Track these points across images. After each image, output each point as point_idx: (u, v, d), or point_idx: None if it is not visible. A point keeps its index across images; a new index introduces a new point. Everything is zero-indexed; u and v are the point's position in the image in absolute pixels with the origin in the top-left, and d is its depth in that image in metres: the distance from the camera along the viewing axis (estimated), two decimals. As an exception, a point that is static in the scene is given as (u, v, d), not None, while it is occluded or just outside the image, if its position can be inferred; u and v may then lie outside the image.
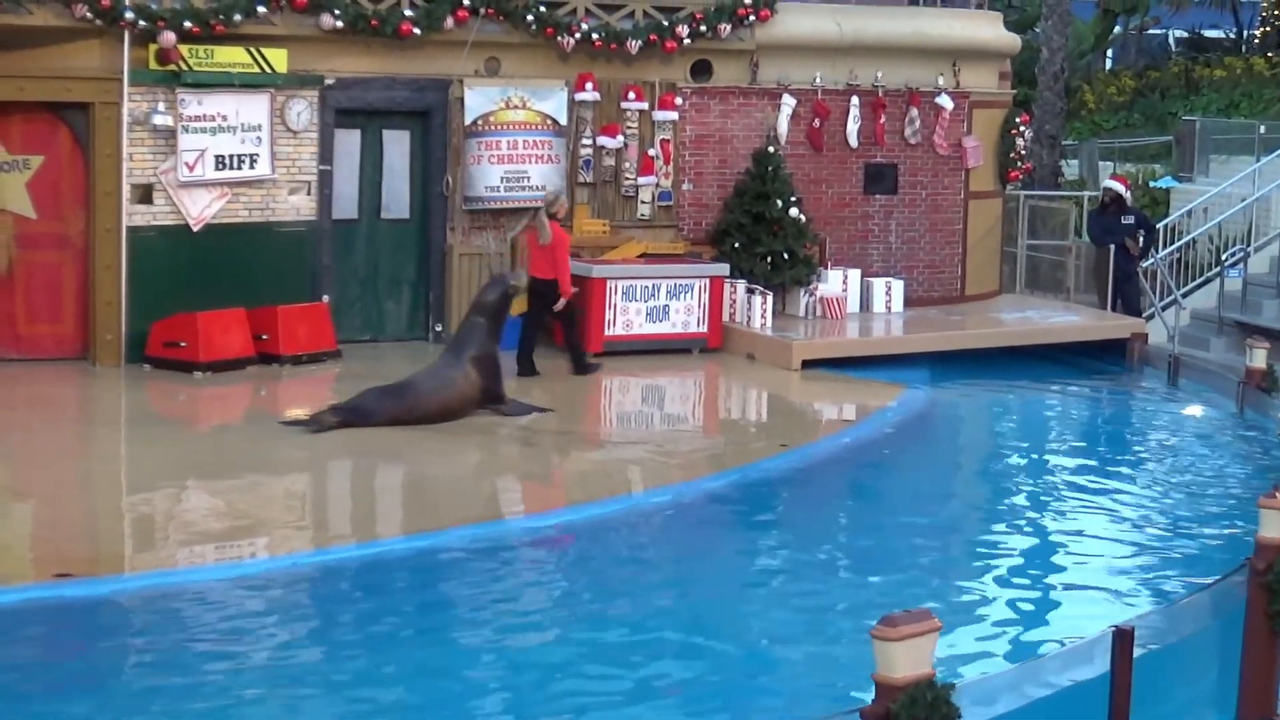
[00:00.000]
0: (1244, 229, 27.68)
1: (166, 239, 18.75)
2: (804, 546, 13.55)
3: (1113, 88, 45.59)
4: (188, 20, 18.26)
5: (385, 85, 19.91)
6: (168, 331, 18.36)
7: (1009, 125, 23.94)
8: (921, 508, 14.99)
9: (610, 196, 21.19)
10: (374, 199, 20.35)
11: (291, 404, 17.73)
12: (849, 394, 19.19)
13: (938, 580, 12.77)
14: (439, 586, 12.21)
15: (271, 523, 13.43)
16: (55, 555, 12.18)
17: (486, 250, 20.54)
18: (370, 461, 15.52)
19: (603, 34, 20.57)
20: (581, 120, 20.90)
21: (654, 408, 18.08)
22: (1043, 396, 20.38)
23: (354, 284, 20.27)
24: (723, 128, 21.76)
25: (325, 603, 11.76)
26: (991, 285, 24.23)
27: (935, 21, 23.20)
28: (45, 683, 10.01)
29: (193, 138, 18.70)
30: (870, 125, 22.45)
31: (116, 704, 9.71)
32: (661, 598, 12.07)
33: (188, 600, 11.44)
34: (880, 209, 22.83)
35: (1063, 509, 15.02)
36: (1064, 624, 11.66)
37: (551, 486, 14.98)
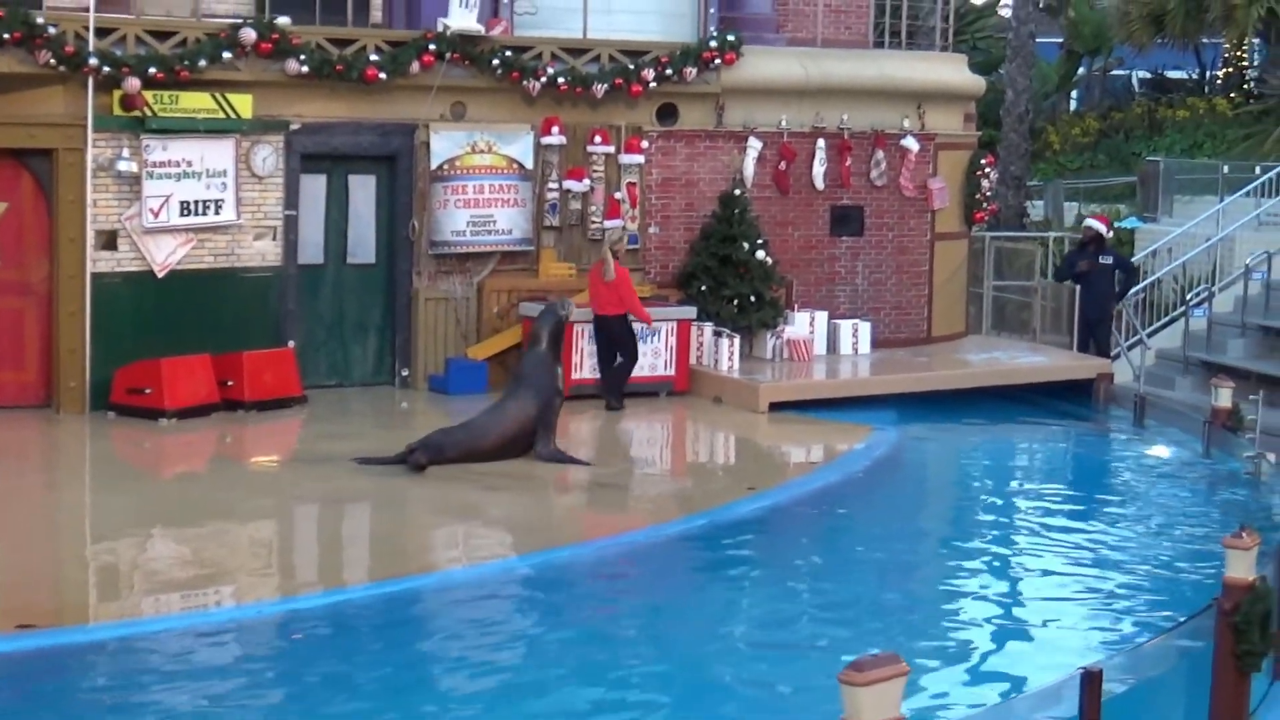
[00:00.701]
0: (1208, 269, 27.81)
1: (131, 285, 18.70)
2: (772, 590, 13.53)
3: (1077, 129, 45.85)
4: (152, 66, 18.25)
5: (351, 130, 19.92)
6: (132, 378, 18.30)
7: (974, 167, 24.04)
8: (890, 550, 14.98)
9: (577, 240, 21.20)
10: (340, 244, 20.34)
11: (258, 451, 17.73)
12: (816, 436, 19.20)
13: (906, 623, 12.76)
14: (406, 634, 12.15)
15: (237, 570, 13.37)
16: (18, 606, 12.07)
17: (453, 295, 20.53)
18: (337, 508, 15.49)
19: (568, 78, 20.61)
20: (547, 164, 20.92)
21: (622, 451, 18.03)
22: (1010, 437, 20.44)
23: (320, 329, 20.24)
24: (689, 171, 21.81)
25: (292, 651, 11.69)
26: (958, 326, 24.29)
27: (900, 64, 23.29)
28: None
29: (157, 184, 18.68)
30: (836, 167, 22.52)
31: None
32: (629, 641, 12.05)
33: (153, 650, 11.36)
34: (846, 251, 22.87)
35: (1030, 550, 15.03)
36: (1032, 666, 11.66)
37: (518, 531, 14.92)
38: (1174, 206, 32.61)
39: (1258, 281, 25.92)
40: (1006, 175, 35.58)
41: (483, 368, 20.35)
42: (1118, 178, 40.25)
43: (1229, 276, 27.02)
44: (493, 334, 20.64)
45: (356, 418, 18.97)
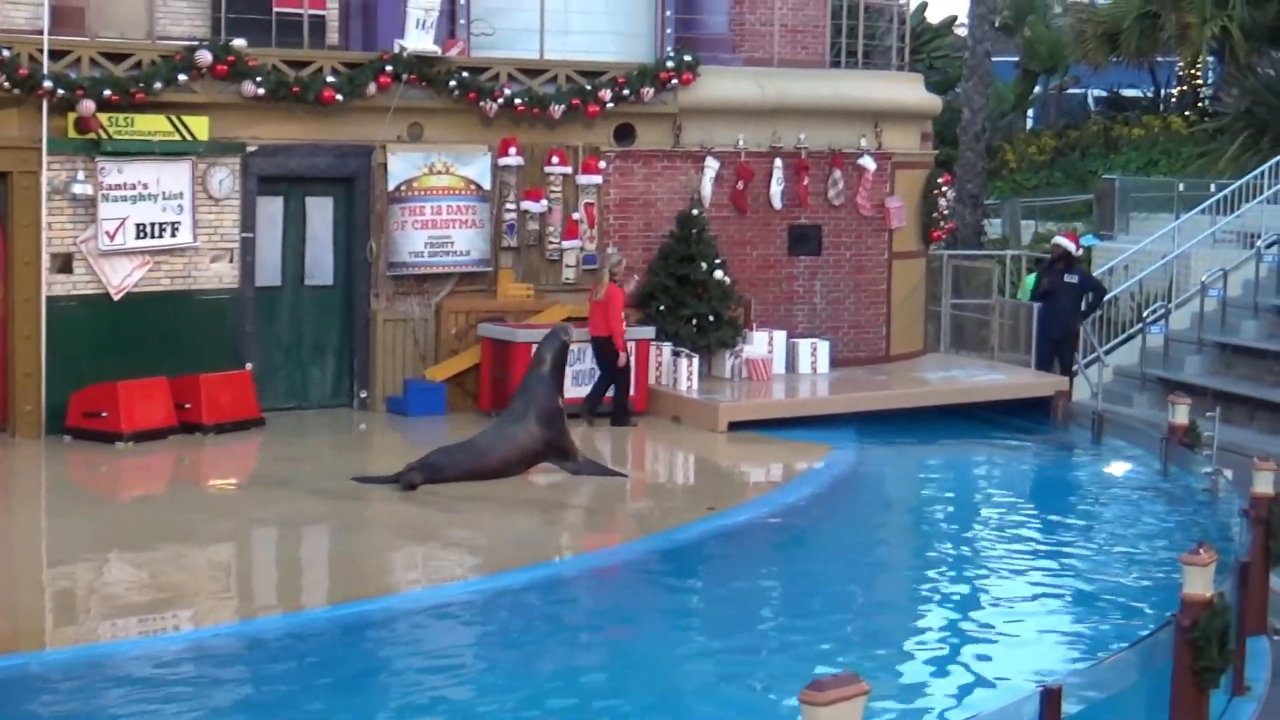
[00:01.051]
0: (1165, 286, 27.94)
1: (87, 308, 18.62)
2: (731, 609, 13.53)
3: (1033, 147, 46.05)
4: (107, 88, 18.19)
5: (308, 152, 19.89)
6: (88, 402, 18.22)
7: (931, 185, 24.12)
8: (850, 569, 15.00)
9: (535, 261, 21.19)
10: (297, 266, 20.29)
11: (215, 474, 17.67)
12: (776, 455, 19.21)
13: (866, 642, 12.78)
14: (364, 655, 12.13)
15: (196, 594, 13.32)
16: (-25, 631, 12.06)
17: (411, 316, 20.50)
18: (295, 531, 15.45)
19: (525, 99, 20.61)
20: (505, 185, 20.92)
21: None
22: (969, 455, 20.48)
23: (277, 351, 20.18)
24: (646, 191, 21.83)
25: (250, 673, 11.66)
26: (916, 345, 24.35)
27: (857, 83, 23.35)
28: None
29: (113, 206, 18.61)
30: (794, 187, 22.55)
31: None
32: (589, 661, 12.04)
33: (110, 674, 11.32)
34: (805, 270, 22.91)
35: (990, 568, 15.07)
36: (992, 683, 11.69)
37: (478, 553, 14.90)
38: (1130, 224, 32.77)
39: (1214, 298, 26.07)
40: (963, 194, 35.69)
41: (441, 389, 20.31)
42: (1074, 195, 40.45)
43: (1186, 293, 27.16)
44: (451, 355, 20.60)
45: (315, 440, 18.92)
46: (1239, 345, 25.34)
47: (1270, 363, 24.56)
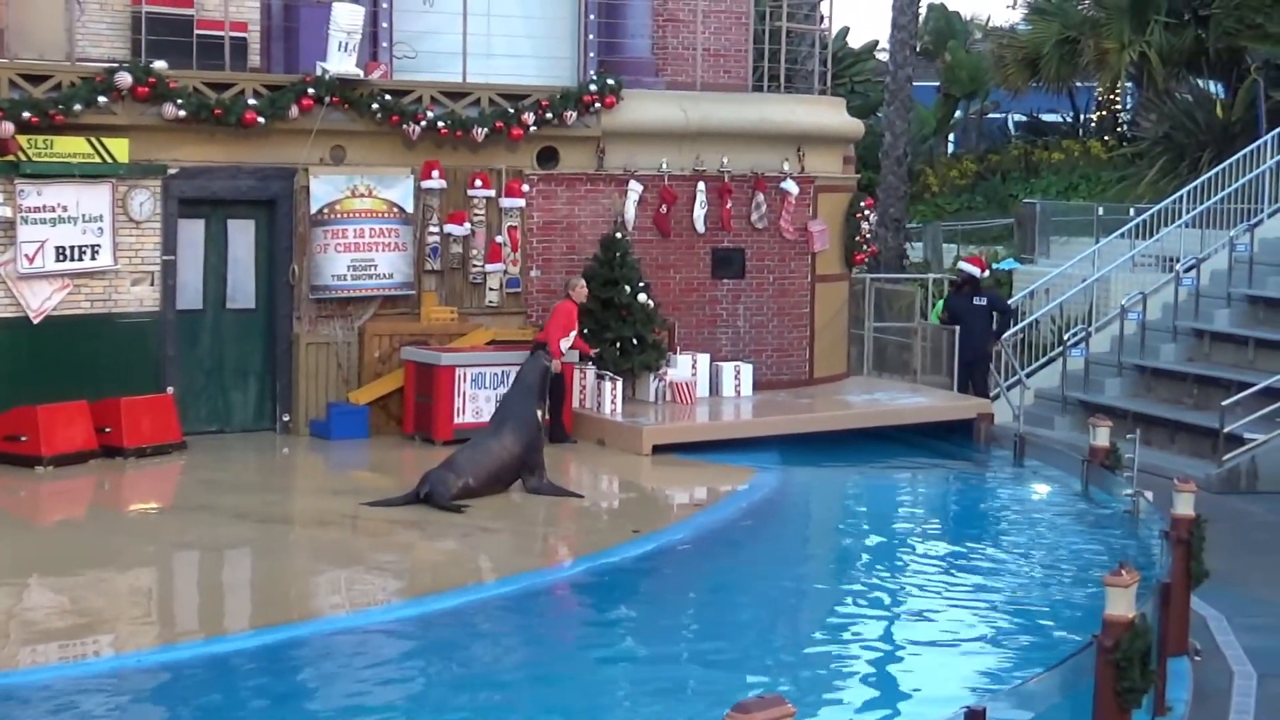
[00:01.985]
0: (1085, 309, 28.18)
1: (6, 331, 18.49)
2: (657, 632, 13.55)
3: (955, 171, 46.40)
4: (26, 110, 18.09)
5: (230, 174, 19.83)
6: (7, 425, 18.08)
7: (854, 209, 24.25)
8: (773, 591, 15.04)
9: (458, 284, 21.18)
10: (219, 289, 20.22)
11: (137, 498, 17.55)
12: (700, 478, 19.25)
13: (792, 664, 12.81)
14: (286, 681, 12.07)
15: (117, 619, 13.21)
16: (-108, 657, 11.93)
17: (334, 339, 20.45)
18: (215, 555, 15.36)
19: (448, 121, 20.61)
20: (428, 208, 20.91)
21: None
22: (892, 477, 20.58)
23: (199, 375, 20.09)
24: (570, 214, 21.86)
25: (171, 699, 11.59)
26: (839, 367, 24.45)
27: (779, 107, 23.45)
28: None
29: (32, 229, 18.49)
30: (717, 210, 22.63)
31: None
32: (512, 688, 12.01)
33: (30, 701, 11.22)
34: (728, 293, 22.99)
35: (912, 590, 15.13)
36: (916, 705, 11.74)
37: (402, 577, 14.85)
38: (1051, 248, 33.08)
39: (1134, 321, 26.29)
40: (886, 217, 35.88)
41: (364, 412, 20.26)
42: (995, 219, 40.78)
43: (1105, 317, 27.39)
44: (374, 378, 20.56)
45: (237, 464, 18.82)
46: (1158, 368, 25.56)
47: (1189, 385, 24.79)
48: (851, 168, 24.91)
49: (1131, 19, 38.74)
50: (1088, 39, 40.36)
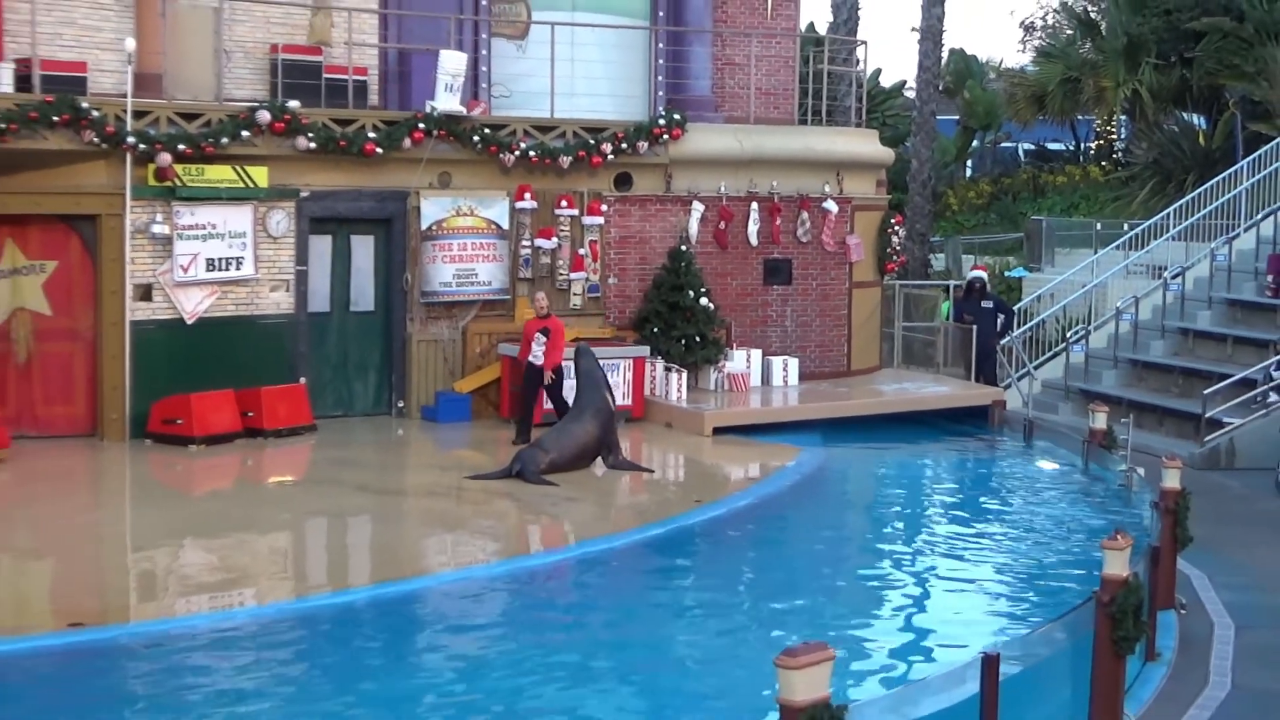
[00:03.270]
0: (1085, 311, 27.99)
1: (164, 331, 18.61)
2: (717, 587, 13.54)
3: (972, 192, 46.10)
4: (182, 143, 18.21)
5: (353, 197, 19.89)
6: (166, 411, 18.21)
7: (885, 225, 24.15)
8: (817, 552, 15.01)
9: (546, 290, 21.17)
10: (344, 294, 20.28)
11: (275, 472, 17.65)
12: (753, 456, 19.20)
13: (832, 614, 12.78)
14: (400, 628, 12.14)
15: (258, 575, 13.31)
16: (69, 607, 12.04)
17: (441, 337, 20.50)
18: (340, 521, 15.43)
19: (538, 151, 20.62)
20: (521, 225, 20.92)
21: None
22: (918, 455, 20.48)
23: (327, 367, 20.17)
24: (642, 230, 21.83)
25: (304, 643, 11.66)
26: (873, 361, 24.34)
27: (821, 138, 23.37)
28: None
29: (186, 244, 18.61)
30: (768, 226, 22.57)
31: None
32: (594, 633, 12.03)
33: (185, 644, 11.31)
34: (777, 297, 22.92)
35: (937, 550, 15.08)
36: (940, 651, 11.69)
37: (498, 540, 14.89)
38: (1055, 258, 32.84)
39: (1127, 322, 26.10)
40: (913, 232, 35.74)
41: (467, 400, 20.31)
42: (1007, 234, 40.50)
43: (1103, 317, 27.17)
44: (476, 370, 20.61)
45: (359, 443, 18.89)
46: (1149, 362, 25.35)
47: (1175, 376, 24.57)
48: (883, 190, 24.79)
49: (1126, 61, 38.45)
50: (1088, 78, 40.09)
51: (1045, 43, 47.15)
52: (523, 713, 10.19)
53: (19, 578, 13.34)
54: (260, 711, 10.05)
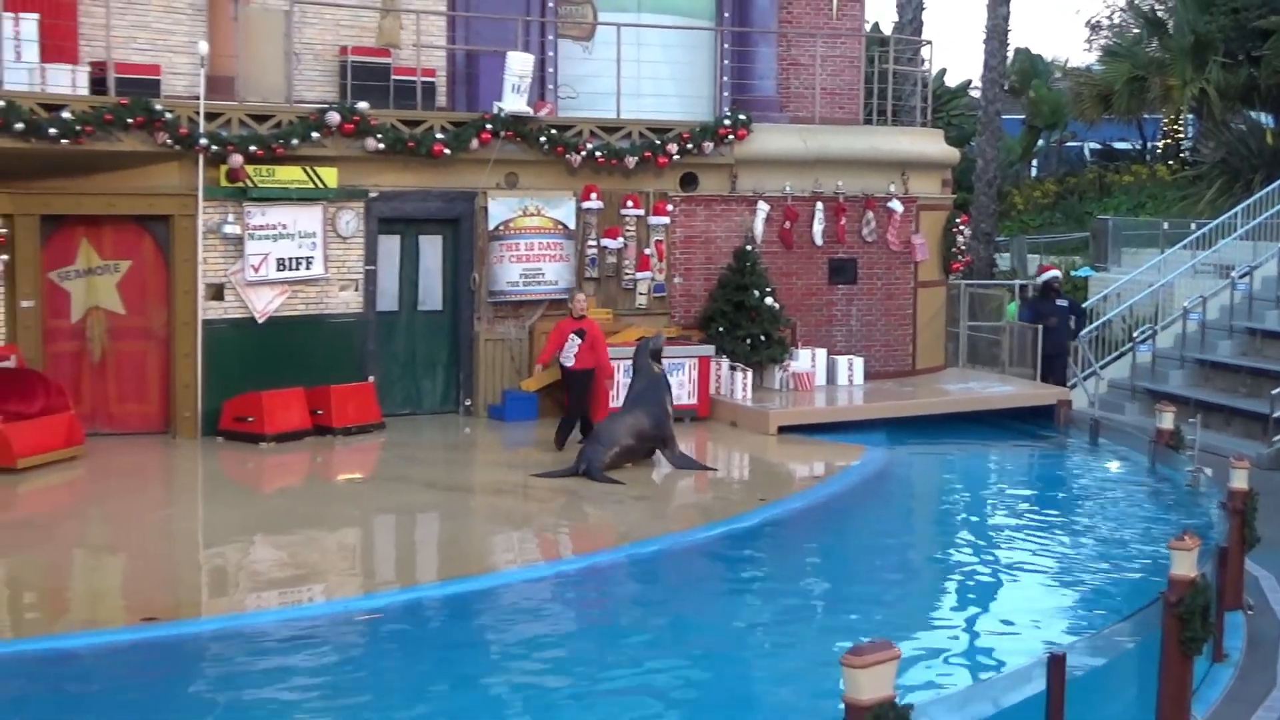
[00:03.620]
0: (1152, 310, 27.76)
1: (235, 330, 18.76)
2: (781, 586, 13.50)
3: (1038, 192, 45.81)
4: (253, 144, 18.34)
5: (421, 197, 19.97)
6: (237, 408, 18.36)
7: (950, 225, 24.02)
8: (882, 551, 14.94)
9: (612, 289, 21.23)
10: (412, 294, 20.37)
11: (344, 469, 17.75)
12: (818, 455, 19.15)
13: (897, 613, 12.73)
14: (467, 623, 12.16)
15: (327, 571, 13.38)
16: (142, 602, 12.14)
17: (508, 336, 20.56)
18: (408, 518, 15.50)
19: (604, 152, 20.65)
20: (587, 225, 20.96)
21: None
22: (984, 455, 20.37)
23: (395, 366, 20.26)
24: (707, 230, 21.82)
25: (372, 639, 11.71)
26: (938, 361, 24.23)
27: (887, 138, 23.28)
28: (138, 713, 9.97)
29: (257, 244, 18.74)
30: (832, 226, 22.50)
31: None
32: (659, 631, 12.03)
33: (255, 640, 11.38)
34: (842, 297, 22.85)
35: (1003, 550, 14.98)
36: (1006, 650, 11.62)
37: (563, 538, 14.92)
38: (1122, 257, 32.58)
39: (1194, 321, 25.87)
40: (978, 232, 35.53)
41: (533, 398, 20.35)
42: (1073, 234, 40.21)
43: (1170, 317, 26.95)
44: (542, 370, 20.64)
45: (427, 441, 18.98)
46: (1216, 361, 25.12)
47: (1243, 376, 24.33)
48: (948, 189, 24.67)
49: (1193, 60, 38.11)
50: (1154, 77, 39.77)
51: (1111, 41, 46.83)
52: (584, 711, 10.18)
53: (94, 573, 13.48)
54: (329, 706, 10.10)
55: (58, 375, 17.82)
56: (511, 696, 10.43)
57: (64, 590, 12.77)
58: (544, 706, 10.23)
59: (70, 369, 18.34)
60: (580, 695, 10.42)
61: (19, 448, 16.33)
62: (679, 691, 10.63)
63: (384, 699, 10.26)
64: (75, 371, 18.42)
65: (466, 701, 10.26)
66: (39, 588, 12.67)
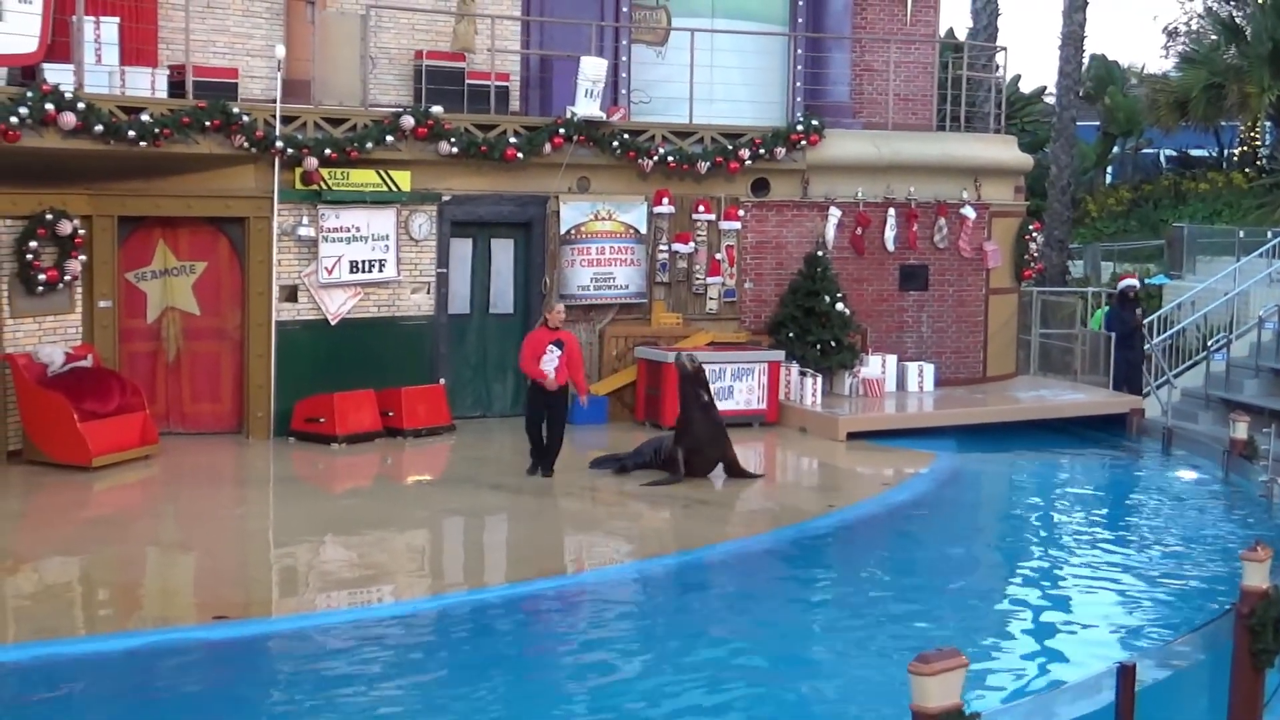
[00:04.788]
0: (1227, 319, 27.42)
1: (308, 331, 18.87)
2: (849, 593, 13.43)
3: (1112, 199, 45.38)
4: (328, 148, 18.44)
5: (493, 201, 20.03)
6: (309, 409, 18.46)
7: (1023, 231, 23.86)
8: (951, 559, 14.84)
9: (683, 294, 21.21)
10: (483, 297, 20.44)
11: (413, 471, 17.80)
12: (888, 461, 19.05)
13: (966, 622, 12.62)
14: (534, 626, 12.18)
15: (396, 572, 13.42)
16: (214, 600, 12.22)
17: (579, 339, 20.54)
18: (477, 520, 15.53)
19: (676, 157, 20.64)
20: (659, 229, 20.95)
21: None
22: (1055, 463, 20.20)
23: (466, 369, 20.33)
24: (778, 235, 21.76)
25: (439, 641, 11.74)
26: (1009, 368, 24.07)
27: (960, 144, 23.16)
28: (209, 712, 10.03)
29: (331, 246, 18.85)
30: (904, 232, 22.41)
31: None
32: (726, 636, 11.98)
33: (324, 639, 11.44)
34: (913, 303, 22.74)
35: (1073, 559, 14.83)
36: (1075, 659, 11.51)
37: (632, 541, 14.89)
38: (1197, 265, 32.18)
39: (1270, 330, 25.53)
40: (1051, 239, 35.23)
41: (604, 401, 20.37)
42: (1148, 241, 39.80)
43: (1245, 326, 26.61)
44: (612, 373, 20.67)
45: (496, 444, 19.01)
46: (1292, 371, 24.82)
47: (1319, 386, 24.04)
48: (1021, 196, 24.49)
49: (1270, 67, 37.67)
50: (1232, 84, 39.29)
51: (1188, 48, 46.28)
52: (653, 715, 10.16)
53: (166, 570, 13.58)
54: (397, 709, 10.13)
55: (133, 375, 18.00)
56: (580, 699, 10.42)
57: (137, 588, 12.87)
58: (613, 709, 10.20)
59: (145, 369, 18.50)
60: (650, 697, 10.39)
61: (95, 446, 16.49)
62: (742, 699, 10.58)
63: (453, 701, 10.27)
64: (150, 371, 18.58)
65: (534, 705, 10.25)
66: (112, 585, 12.78)
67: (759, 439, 19.79)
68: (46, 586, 12.66)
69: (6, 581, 12.65)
